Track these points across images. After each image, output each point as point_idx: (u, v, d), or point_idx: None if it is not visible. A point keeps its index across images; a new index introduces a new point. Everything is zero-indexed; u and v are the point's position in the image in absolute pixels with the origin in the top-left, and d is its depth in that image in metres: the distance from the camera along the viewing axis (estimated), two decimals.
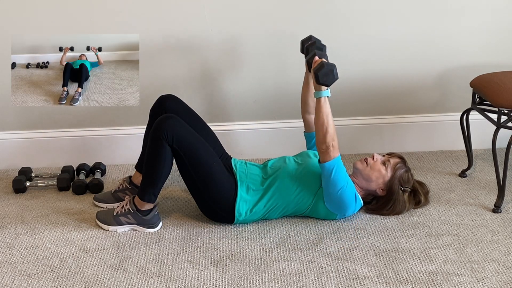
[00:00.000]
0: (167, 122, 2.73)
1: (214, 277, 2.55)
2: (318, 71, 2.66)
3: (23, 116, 3.46)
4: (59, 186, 3.26)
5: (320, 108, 2.72)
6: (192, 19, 3.30)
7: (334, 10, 3.33)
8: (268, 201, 2.86)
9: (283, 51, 3.39)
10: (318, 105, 2.73)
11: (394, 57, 3.45)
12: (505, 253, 2.68)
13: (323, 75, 2.66)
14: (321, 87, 2.71)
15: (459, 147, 3.57)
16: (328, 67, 2.66)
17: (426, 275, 2.54)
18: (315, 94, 2.74)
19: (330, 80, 2.67)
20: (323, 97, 2.72)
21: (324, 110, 2.71)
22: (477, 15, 3.39)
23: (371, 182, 2.91)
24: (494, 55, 3.47)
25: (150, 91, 3.34)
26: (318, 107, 2.73)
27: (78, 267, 2.63)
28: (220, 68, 3.41)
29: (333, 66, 2.66)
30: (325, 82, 2.68)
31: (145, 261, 2.67)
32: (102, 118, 3.49)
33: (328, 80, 2.67)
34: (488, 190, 3.19)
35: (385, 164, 2.90)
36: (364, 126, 3.60)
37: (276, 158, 3.03)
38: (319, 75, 2.66)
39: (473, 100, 3.17)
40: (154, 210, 2.88)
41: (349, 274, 2.55)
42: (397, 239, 2.79)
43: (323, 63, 2.67)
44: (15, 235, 2.88)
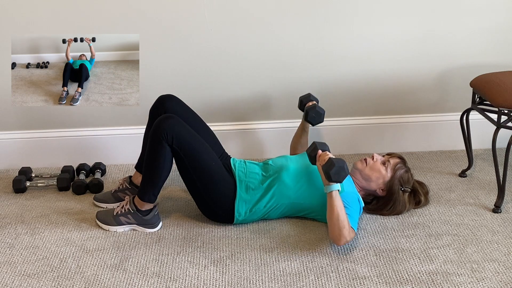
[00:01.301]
0: (167, 122, 2.73)
1: (214, 277, 2.55)
2: (329, 170, 2.60)
3: (23, 116, 3.46)
4: (59, 186, 3.26)
5: (333, 202, 2.63)
6: (192, 19, 3.30)
7: (334, 10, 3.33)
8: (268, 202, 2.86)
9: (283, 51, 3.38)
10: (330, 199, 2.64)
11: (394, 57, 3.45)
12: (505, 253, 2.68)
13: (335, 174, 2.60)
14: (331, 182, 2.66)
15: (459, 147, 3.57)
16: (338, 164, 2.59)
17: (426, 275, 2.54)
18: (326, 189, 2.66)
19: (342, 177, 2.61)
20: (334, 191, 2.66)
21: (337, 204, 2.63)
22: (477, 15, 3.39)
23: (371, 182, 2.90)
24: (494, 55, 3.47)
25: (150, 91, 3.34)
26: (331, 202, 2.64)
27: (78, 267, 2.63)
28: (220, 68, 3.41)
29: (343, 162, 2.61)
30: (338, 180, 2.62)
31: (145, 261, 2.67)
32: (102, 118, 3.49)
33: (341, 178, 2.61)
34: (488, 190, 3.19)
35: (385, 164, 2.90)
36: (364, 126, 3.60)
37: (277, 157, 3.03)
38: (331, 174, 2.60)
39: (473, 100, 3.17)
40: (154, 210, 2.88)
41: (349, 274, 2.55)
42: (397, 239, 2.79)
43: (333, 160, 2.61)
44: (15, 235, 2.88)
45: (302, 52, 3.38)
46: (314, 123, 3.12)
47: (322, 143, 2.81)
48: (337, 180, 2.62)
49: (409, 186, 2.93)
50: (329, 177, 2.61)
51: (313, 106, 3.10)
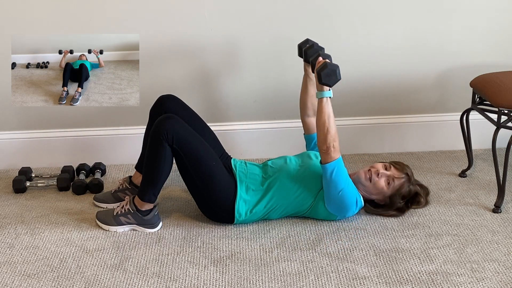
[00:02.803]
0: (167, 122, 2.73)
1: (214, 277, 2.55)
2: (321, 71, 2.66)
3: (23, 116, 3.46)
4: (59, 186, 3.26)
5: (322, 108, 2.71)
6: (192, 19, 3.30)
7: (334, 10, 3.33)
8: (268, 202, 2.86)
9: (283, 51, 3.38)
10: (320, 105, 2.72)
11: (394, 57, 3.45)
12: (505, 253, 2.67)
13: (326, 75, 2.65)
14: (324, 87, 2.70)
15: (459, 147, 3.57)
16: (331, 67, 2.65)
17: (426, 275, 2.54)
18: (317, 95, 2.73)
19: (332, 80, 2.66)
20: (325, 97, 2.71)
21: (325, 111, 2.70)
22: (477, 15, 3.39)
23: (371, 195, 2.91)
24: (494, 55, 3.47)
25: (150, 91, 3.34)
26: (320, 108, 2.72)
27: (78, 267, 2.63)
28: (220, 68, 3.41)
29: (336, 66, 2.66)
30: (327, 82, 2.67)
31: (145, 261, 2.67)
32: (102, 118, 3.49)
33: (331, 81, 2.66)
34: (488, 190, 3.19)
35: (389, 184, 2.88)
36: (364, 126, 3.60)
37: (277, 158, 3.03)
38: (322, 75, 2.65)
39: (473, 100, 3.17)
40: (154, 210, 2.88)
41: (349, 274, 2.55)
42: (397, 239, 2.79)
43: (327, 63, 2.66)
44: (15, 235, 2.88)
45: None
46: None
47: (327, 54, 2.82)
48: (327, 83, 2.66)
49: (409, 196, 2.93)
50: (320, 78, 2.65)
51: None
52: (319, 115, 2.72)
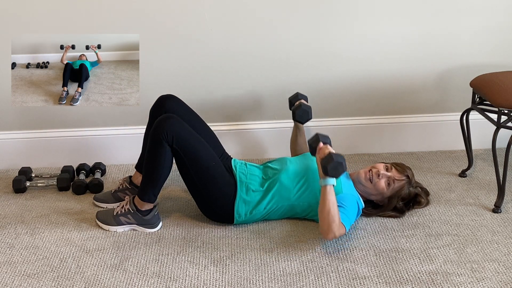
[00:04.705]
0: (167, 122, 2.73)
1: (214, 277, 2.55)
2: (327, 164, 2.58)
3: (23, 116, 3.46)
4: (59, 186, 3.26)
5: (326, 196, 2.61)
6: (192, 19, 3.30)
7: (333, 10, 3.33)
8: (268, 204, 2.86)
9: (283, 51, 3.38)
10: (324, 193, 2.62)
11: (394, 57, 3.45)
12: (505, 253, 2.68)
13: (332, 169, 2.58)
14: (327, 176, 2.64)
15: (459, 147, 3.57)
16: (337, 159, 2.57)
17: (426, 275, 2.54)
18: (321, 182, 2.64)
19: (339, 173, 2.59)
20: (328, 185, 2.63)
21: (330, 198, 2.60)
22: (477, 15, 3.39)
23: (371, 195, 2.91)
24: (494, 55, 3.47)
25: (150, 91, 3.34)
26: (324, 195, 2.62)
27: (78, 267, 2.63)
28: (220, 68, 3.41)
29: (342, 158, 2.59)
30: (334, 175, 2.60)
31: (145, 261, 2.67)
32: (102, 118, 3.49)
33: (338, 173, 2.59)
34: (488, 190, 3.19)
35: (390, 185, 2.87)
36: (364, 126, 3.60)
37: (277, 159, 3.03)
38: (329, 168, 2.58)
39: (473, 100, 3.17)
40: (154, 210, 2.88)
41: (349, 274, 2.55)
42: (397, 239, 2.79)
43: (332, 155, 2.59)
44: (15, 235, 2.88)
45: (302, 52, 3.38)
46: (303, 121, 3.12)
47: (325, 135, 2.80)
48: (334, 175, 2.61)
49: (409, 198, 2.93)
50: (326, 171, 2.59)
51: (299, 105, 3.09)
52: (323, 203, 2.62)
